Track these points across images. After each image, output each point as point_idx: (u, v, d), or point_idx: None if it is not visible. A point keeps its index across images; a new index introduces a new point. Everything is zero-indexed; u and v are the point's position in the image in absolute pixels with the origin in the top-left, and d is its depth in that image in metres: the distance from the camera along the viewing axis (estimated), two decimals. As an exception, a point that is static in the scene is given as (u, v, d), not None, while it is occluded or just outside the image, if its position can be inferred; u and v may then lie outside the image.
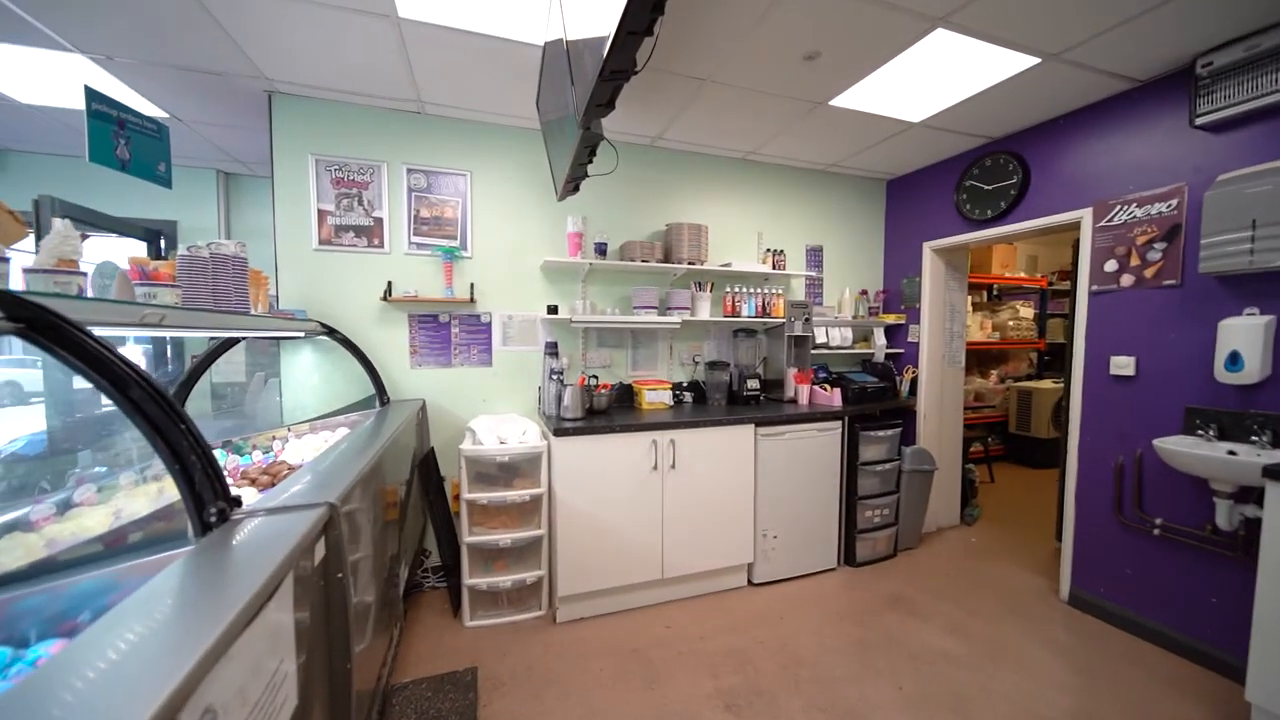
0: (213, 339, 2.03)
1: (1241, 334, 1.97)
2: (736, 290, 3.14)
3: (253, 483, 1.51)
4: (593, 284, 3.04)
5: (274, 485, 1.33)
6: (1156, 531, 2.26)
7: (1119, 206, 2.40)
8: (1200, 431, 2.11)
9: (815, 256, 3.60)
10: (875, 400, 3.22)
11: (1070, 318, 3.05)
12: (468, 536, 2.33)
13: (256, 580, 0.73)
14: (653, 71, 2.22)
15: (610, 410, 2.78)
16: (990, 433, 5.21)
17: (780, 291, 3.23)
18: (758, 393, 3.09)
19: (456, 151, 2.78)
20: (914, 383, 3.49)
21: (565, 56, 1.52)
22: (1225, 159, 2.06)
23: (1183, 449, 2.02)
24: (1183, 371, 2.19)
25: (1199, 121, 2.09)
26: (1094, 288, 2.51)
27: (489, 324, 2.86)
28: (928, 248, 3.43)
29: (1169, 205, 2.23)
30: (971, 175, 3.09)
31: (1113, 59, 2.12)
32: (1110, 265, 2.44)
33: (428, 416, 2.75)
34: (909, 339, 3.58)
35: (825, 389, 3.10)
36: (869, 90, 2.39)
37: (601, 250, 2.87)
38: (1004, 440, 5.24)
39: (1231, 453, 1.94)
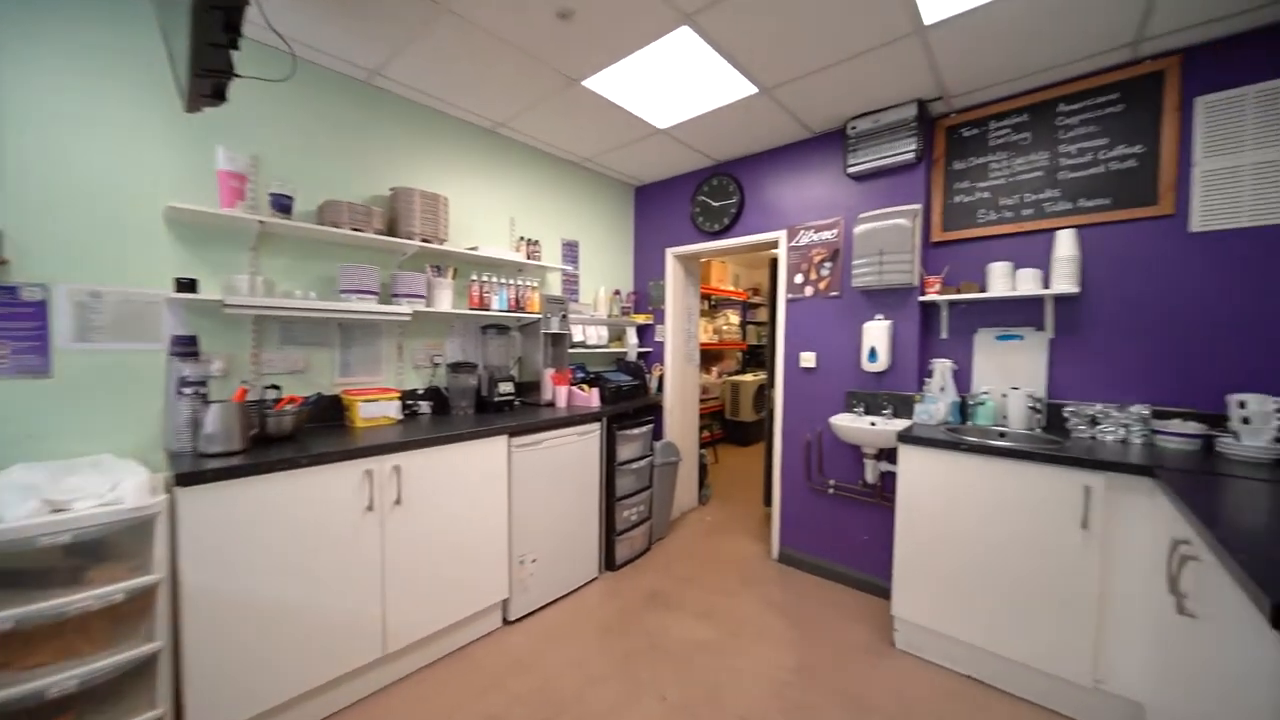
0: None
1: (876, 334, 2.61)
2: (485, 280, 2.69)
3: None
4: (271, 254, 2.12)
5: None
6: (831, 491, 2.85)
7: (802, 231, 2.96)
8: (856, 409, 2.73)
9: (571, 252, 3.44)
10: (630, 398, 3.25)
11: (771, 321, 3.69)
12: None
13: None
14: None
15: (302, 434, 1.96)
16: (713, 420, 6.12)
17: (535, 285, 2.93)
18: (512, 397, 2.70)
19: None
20: (661, 380, 3.69)
21: None
22: (864, 201, 2.72)
23: (844, 423, 2.57)
24: (844, 363, 2.81)
25: (849, 171, 2.71)
26: (789, 296, 3.04)
27: (42, 304, 1.66)
28: (670, 253, 3.68)
29: (833, 233, 2.84)
30: (703, 191, 3.42)
31: (799, 106, 2.56)
32: (798, 278, 2.99)
33: None
34: (656, 338, 3.78)
35: (584, 389, 2.94)
36: (621, 79, 2.31)
37: (283, 206, 2.01)
38: (723, 425, 6.23)
39: (873, 423, 2.56)
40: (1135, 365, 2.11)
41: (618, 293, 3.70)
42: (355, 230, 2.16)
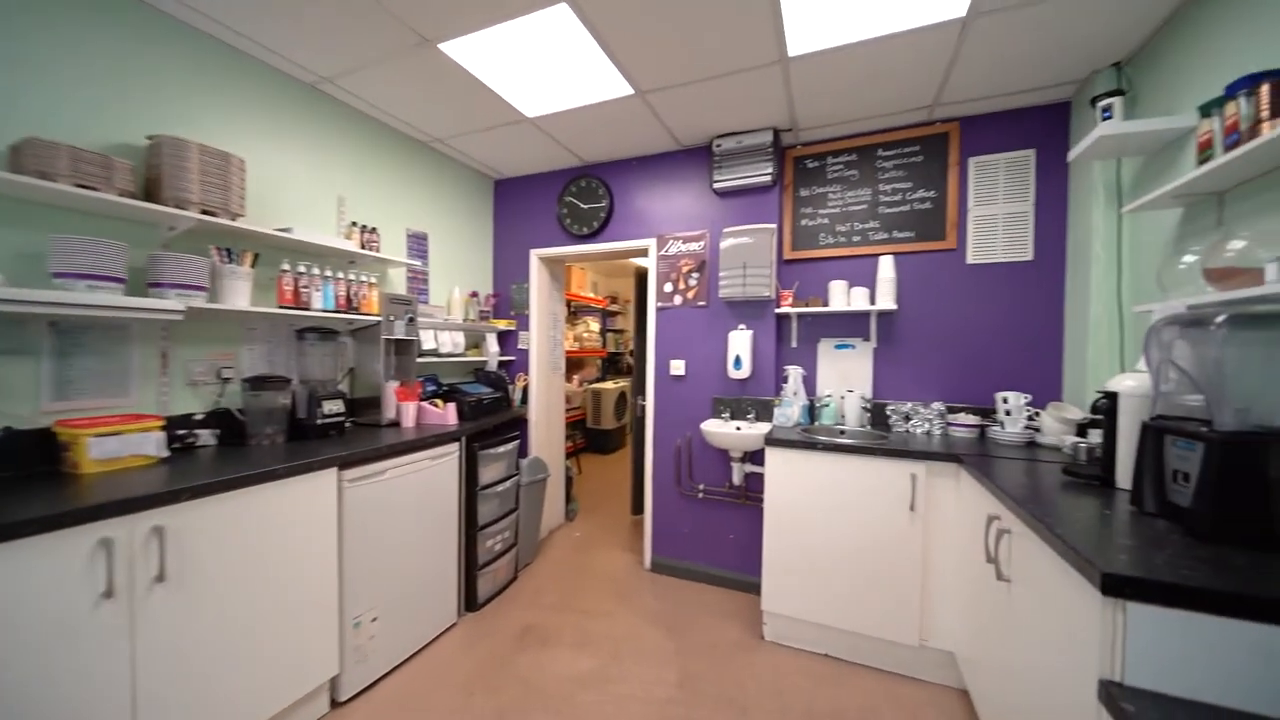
0: None
1: (740, 343, 2.76)
2: (303, 271, 2.13)
3: None
4: (-93, 212, 1.34)
5: None
6: (700, 495, 2.92)
7: (672, 241, 3.01)
8: (723, 415, 2.84)
9: (419, 245, 2.97)
10: (492, 413, 2.91)
11: (640, 331, 3.70)
12: None
13: None
14: None
15: (-31, 494, 1.25)
16: (575, 429, 5.96)
17: (373, 281, 2.43)
18: (342, 418, 2.19)
19: None
20: (525, 391, 3.41)
21: None
22: (728, 217, 2.86)
23: (713, 429, 2.66)
24: (711, 371, 2.91)
25: (715, 186, 2.83)
26: (659, 305, 3.05)
27: None
28: (535, 255, 3.43)
29: (700, 245, 2.93)
30: (571, 192, 3.27)
31: (671, 116, 2.58)
32: (668, 287, 3.03)
33: None
34: (519, 345, 3.48)
35: (438, 405, 2.54)
36: (487, 51, 2.03)
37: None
38: (585, 434, 6.11)
39: (738, 428, 2.69)
40: (935, 369, 2.57)
41: (475, 295, 3.32)
42: (84, 188, 1.49)
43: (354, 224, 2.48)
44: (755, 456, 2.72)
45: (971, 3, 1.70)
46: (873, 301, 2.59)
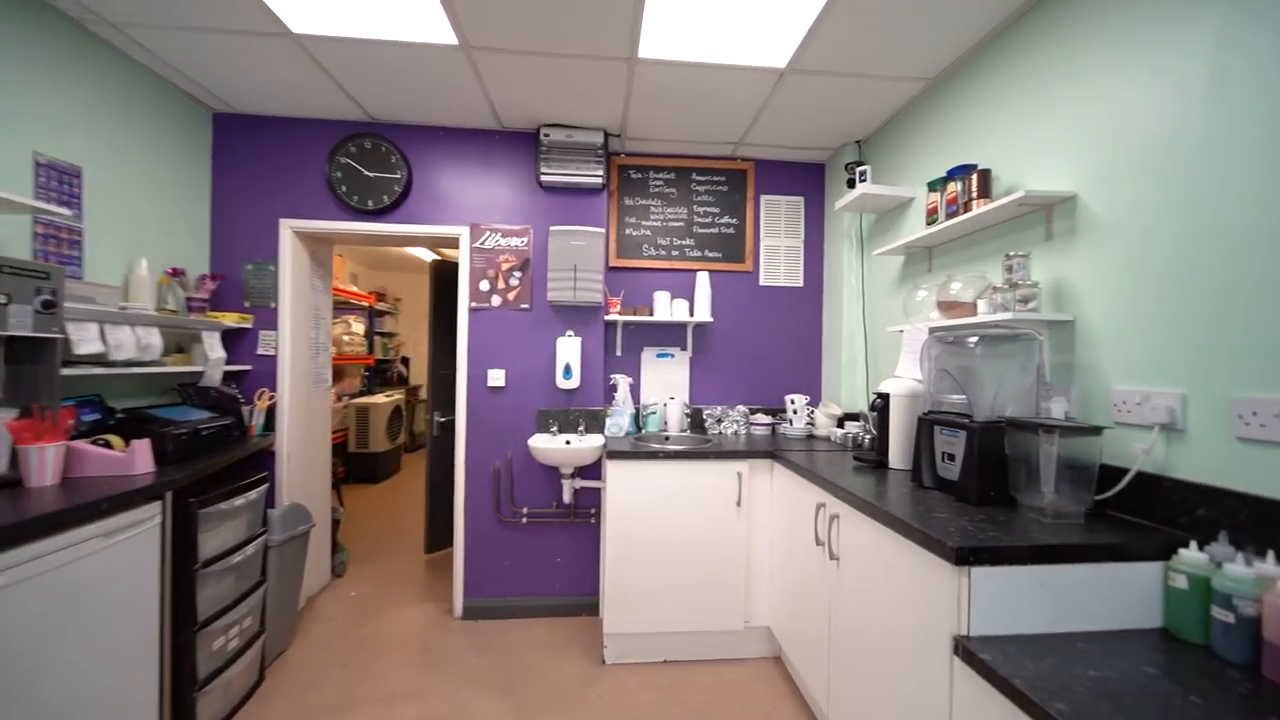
0: None
1: (570, 350, 2.59)
2: None
3: None
4: None
5: None
6: (524, 520, 2.62)
7: (489, 232, 2.63)
8: (551, 429, 2.61)
9: (63, 181, 1.82)
10: (218, 449, 2.00)
11: (437, 334, 3.13)
12: None
13: None
14: None
15: None
16: (333, 455, 4.71)
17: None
18: None
19: None
20: (271, 412, 2.47)
21: None
22: (555, 214, 2.66)
23: (543, 445, 2.41)
24: (536, 381, 2.64)
25: (542, 180, 2.59)
26: (472, 304, 2.63)
27: None
28: (289, 228, 2.53)
29: (523, 241, 2.64)
30: (349, 151, 2.53)
31: (497, 87, 2.24)
32: (484, 285, 2.63)
33: None
34: (260, 350, 2.51)
35: (114, 444, 1.58)
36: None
37: None
38: (345, 460, 4.89)
39: (568, 442, 2.51)
40: (739, 376, 2.91)
41: (178, 274, 2.24)
42: None
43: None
44: (587, 471, 2.58)
45: (791, 58, 1.97)
46: (692, 314, 2.78)
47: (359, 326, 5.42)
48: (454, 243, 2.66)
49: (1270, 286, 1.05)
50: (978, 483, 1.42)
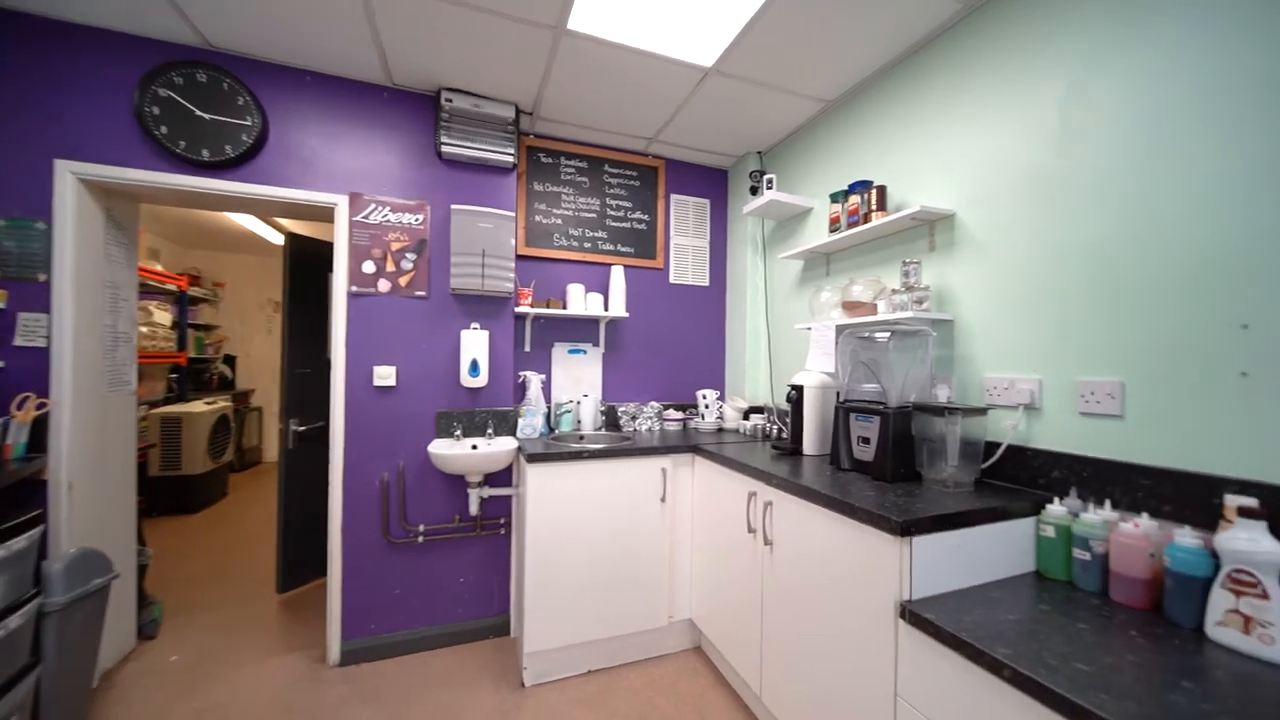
0: None
1: (476, 345, 2.32)
2: None
3: None
4: None
5: None
6: (421, 539, 2.28)
7: (374, 205, 2.24)
8: (454, 432, 2.31)
9: None
10: (-50, 481, 1.37)
11: (293, 322, 2.58)
12: None
13: None
14: None
15: None
16: (123, 484, 3.61)
17: None
18: None
19: None
20: (41, 427, 1.78)
21: None
22: (457, 192, 2.36)
23: (446, 451, 2.13)
24: (436, 379, 2.32)
25: (442, 151, 2.28)
26: (353, 289, 2.21)
27: None
28: (70, 173, 1.85)
29: (418, 219, 2.30)
30: (172, 83, 1.94)
31: (390, 30, 1.92)
32: (369, 267, 2.23)
33: None
34: (20, 340, 1.80)
35: None
36: None
37: None
38: (149, 487, 3.78)
39: (474, 446, 2.25)
40: (651, 372, 2.90)
41: None
42: None
43: None
44: (495, 478, 2.34)
45: (718, 58, 2.01)
46: (607, 308, 2.69)
47: (163, 316, 4.26)
48: (326, 214, 2.21)
49: (1097, 293, 1.34)
50: (892, 462, 1.59)
